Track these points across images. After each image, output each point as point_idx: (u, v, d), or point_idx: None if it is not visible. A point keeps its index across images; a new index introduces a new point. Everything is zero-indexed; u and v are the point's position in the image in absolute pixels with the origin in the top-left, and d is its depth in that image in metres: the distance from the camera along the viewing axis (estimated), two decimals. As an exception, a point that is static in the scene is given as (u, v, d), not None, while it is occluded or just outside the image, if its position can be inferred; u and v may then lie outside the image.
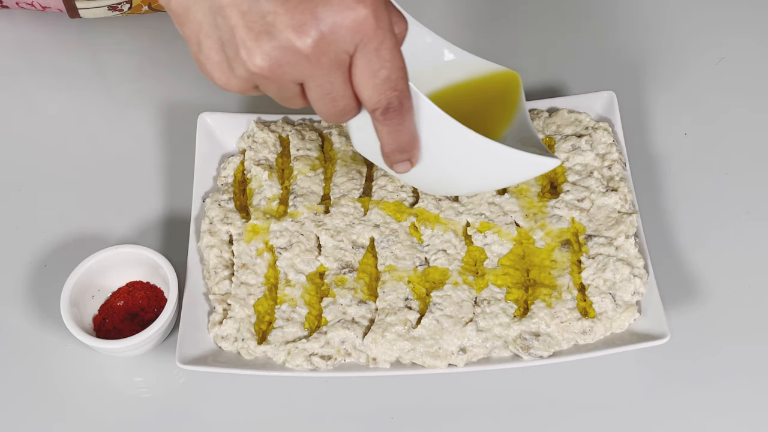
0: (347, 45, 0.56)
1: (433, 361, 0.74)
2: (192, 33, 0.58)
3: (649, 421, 0.75)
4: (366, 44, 0.56)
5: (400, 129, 0.62)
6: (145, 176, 0.87)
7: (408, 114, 0.61)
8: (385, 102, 0.59)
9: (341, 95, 0.59)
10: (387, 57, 0.57)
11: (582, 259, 0.77)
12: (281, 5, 0.55)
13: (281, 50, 0.56)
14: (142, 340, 0.74)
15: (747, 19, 0.95)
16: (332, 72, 0.57)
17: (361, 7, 0.55)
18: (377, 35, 0.56)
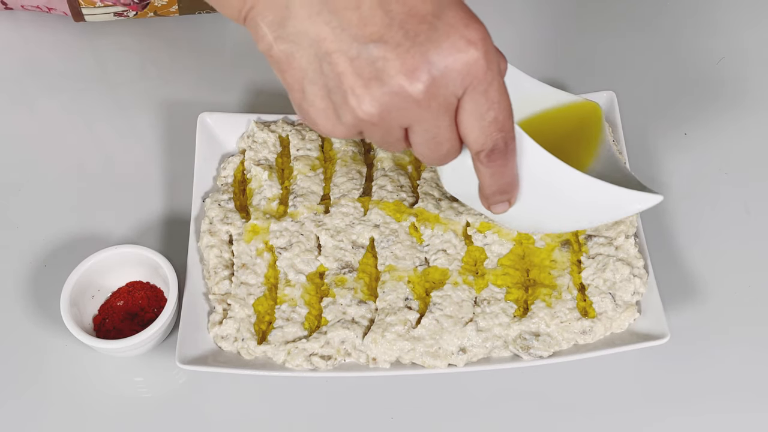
0: (457, 88, 0.55)
1: (433, 361, 0.74)
2: (295, 80, 0.57)
3: (649, 421, 0.75)
4: (476, 87, 0.55)
5: (503, 171, 0.61)
6: (145, 176, 0.87)
7: (512, 155, 0.60)
8: (491, 144, 0.58)
9: (446, 138, 0.58)
10: (495, 98, 0.56)
11: (582, 259, 0.77)
12: (392, 50, 0.54)
13: (392, 96, 0.55)
14: (142, 340, 0.74)
15: (747, 19, 0.95)
16: (440, 116, 0.56)
17: (473, 49, 0.54)
18: (487, 77, 0.55)
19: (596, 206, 0.67)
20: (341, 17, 0.54)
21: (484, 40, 0.55)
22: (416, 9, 0.54)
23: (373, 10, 0.54)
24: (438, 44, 0.54)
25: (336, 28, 0.55)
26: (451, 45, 0.54)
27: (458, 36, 0.54)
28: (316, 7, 0.55)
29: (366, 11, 0.54)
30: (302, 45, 0.56)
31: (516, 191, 0.64)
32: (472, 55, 0.54)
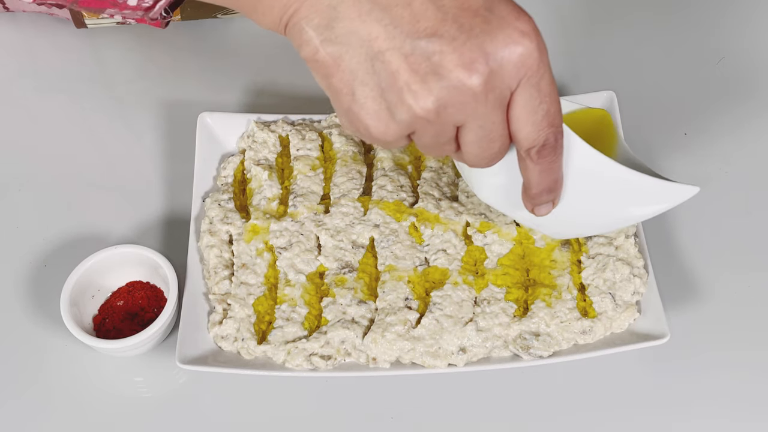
0: (512, 81, 0.55)
1: (433, 361, 0.74)
2: (344, 83, 0.56)
3: (649, 421, 0.75)
4: (529, 79, 0.55)
5: (551, 168, 0.60)
6: (145, 176, 0.87)
7: (561, 151, 0.59)
8: (542, 139, 0.57)
9: (499, 135, 0.57)
10: (547, 91, 0.56)
11: (582, 259, 0.77)
12: (448, 44, 0.53)
13: (450, 90, 0.54)
14: (142, 340, 0.74)
15: (747, 19, 0.95)
16: (495, 110, 0.55)
17: (528, 40, 0.54)
18: (539, 69, 0.55)
19: (640, 200, 0.67)
20: (393, 14, 0.54)
21: (536, 31, 0.54)
22: (468, 3, 0.54)
23: (425, 5, 0.54)
24: (493, 36, 0.53)
25: (388, 25, 0.54)
26: (506, 36, 0.53)
27: (512, 28, 0.54)
28: (366, 5, 0.54)
29: (417, 7, 0.54)
30: (352, 46, 0.55)
31: (560, 190, 0.63)
32: (527, 46, 0.54)
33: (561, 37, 0.95)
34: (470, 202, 0.80)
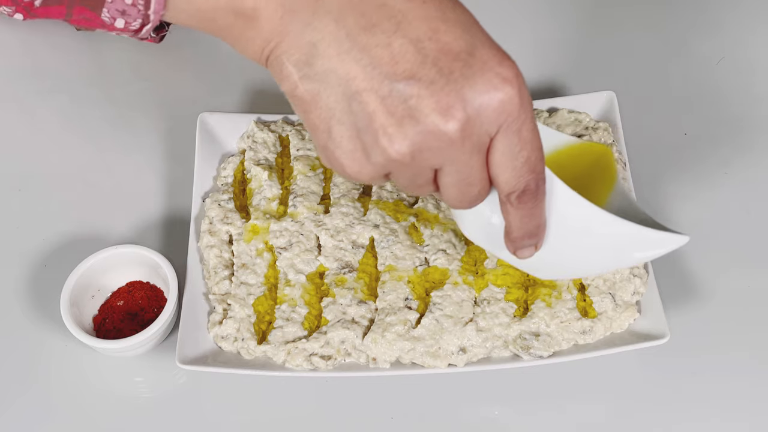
0: (491, 126, 0.54)
1: (433, 361, 0.74)
2: (321, 120, 0.55)
3: (649, 421, 0.75)
4: (510, 125, 0.54)
5: (532, 213, 0.59)
6: (145, 176, 0.87)
7: (542, 197, 0.58)
8: (522, 185, 0.56)
9: (478, 179, 0.56)
10: (528, 138, 0.55)
11: (582, 259, 0.77)
12: (425, 88, 0.52)
13: (425, 135, 0.53)
14: (142, 340, 0.74)
15: (747, 19, 0.95)
16: (473, 155, 0.55)
17: (509, 86, 0.53)
18: (520, 116, 0.54)
19: (625, 248, 0.65)
20: (372, 55, 0.53)
21: (518, 77, 0.54)
22: (449, 46, 0.53)
23: (405, 47, 0.53)
24: (473, 81, 0.53)
25: (367, 66, 0.53)
26: (486, 82, 0.53)
27: (493, 73, 0.53)
28: (346, 44, 0.53)
29: (397, 48, 0.53)
30: (330, 84, 0.54)
31: (543, 234, 0.62)
32: (507, 92, 0.53)
33: (561, 37, 0.95)
34: (470, 202, 0.80)
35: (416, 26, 0.53)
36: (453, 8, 0.54)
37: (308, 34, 0.54)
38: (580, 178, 0.70)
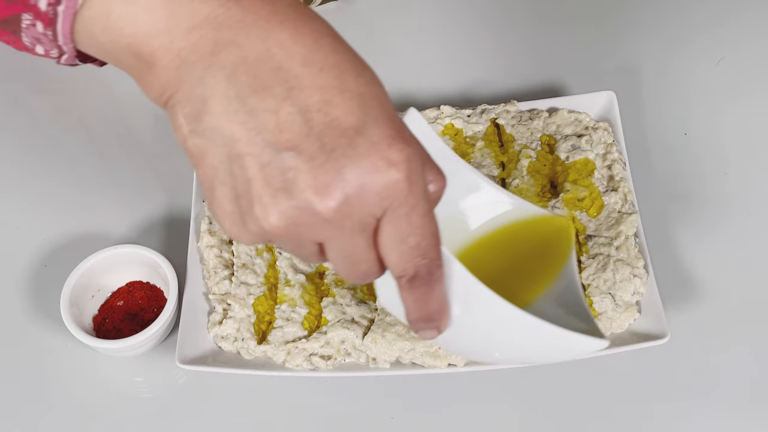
0: (374, 209, 0.50)
1: (433, 361, 0.74)
2: (206, 178, 0.53)
3: (649, 421, 0.75)
4: (396, 209, 0.51)
5: (426, 298, 0.55)
6: (145, 176, 0.87)
7: (437, 283, 0.55)
8: (412, 270, 0.53)
9: (364, 258, 0.53)
10: (418, 223, 0.51)
11: (582, 259, 0.77)
12: (305, 162, 0.49)
13: (299, 210, 0.50)
14: (142, 340, 0.74)
15: (747, 19, 0.95)
16: (355, 235, 0.52)
17: (394, 171, 0.49)
18: (408, 201, 0.50)
19: (531, 344, 0.61)
20: (258, 119, 0.50)
21: (409, 161, 0.50)
22: (338, 121, 0.49)
23: (292, 116, 0.50)
24: (356, 162, 0.49)
25: (251, 130, 0.50)
26: (370, 165, 0.49)
27: (379, 156, 0.49)
28: (234, 104, 0.50)
29: (284, 116, 0.50)
30: (216, 142, 0.51)
31: (445, 319, 0.58)
32: (392, 176, 0.49)
33: (561, 37, 0.95)
34: (470, 202, 0.80)
35: (308, 94, 0.50)
36: (356, 78, 0.51)
37: (200, 89, 0.51)
38: (536, 250, 0.69)
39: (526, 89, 0.91)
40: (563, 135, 0.83)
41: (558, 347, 0.61)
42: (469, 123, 0.85)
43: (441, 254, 0.54)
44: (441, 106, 0.86)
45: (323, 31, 0.51)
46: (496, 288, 0.58)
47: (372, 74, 0.52)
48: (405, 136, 0.51)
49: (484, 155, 0.83)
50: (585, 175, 0.81)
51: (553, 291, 0.66)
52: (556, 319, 0.59)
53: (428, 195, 0.52)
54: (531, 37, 0.95)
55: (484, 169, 0.82)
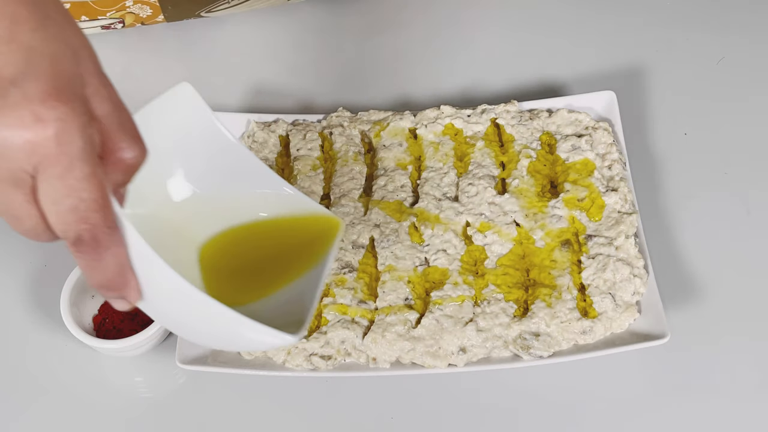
0: (24, 164, 0.48)
1: (433, 361, 0.74)
2: None
3: (649, 421, 0.75)
4: (46, 168, 0.48)
5: (97, 265, 0.53)
6: (145, 176, 0.87)
7: (107, 250, 0.52)
8: (72, 234, 0.51)
9: (25, 215, 0.51)
10: (75, 186, 0.49)
11: (582, 259, 0.77)
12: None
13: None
14: (142, 340, 0.74)
15: (747, 19, 0.95)
16: (8, 189, 0.50)
17: (40, 127, 0.47)
18: (60, 161, 0.48)
19: (205, 322, 0.58)
20: None
21: (61, 120, 0.48)
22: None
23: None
24: (3, 113, 0.47)
25: None
26: (17, 118, 0.47)
27: (28, 111, 0.47)
28: None
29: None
30: None
31: (131, 290, 0.55)
32: (37, 133, 0.47)
33: (562, 37, 0.95)
34: (471, 202, 0.80)
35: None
36: (32, 31, 0.49)
37: None
38: (302, 245, 0.68)
39: (526, 89, 0.91)
40: (563, 135, 0.83)
41: (233, 331, 0.58)
42: (469, 123, 0.85)
43: (111, 220, 0.51)
44: (441, 106, 0.86)
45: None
46: (245, 273, 0.57)
47: (58, 30, 0.50)
48: (66, 94, 0.48)
49: (484, 155, 0.83)
50: (585, 175, 0.81)
51: (300, 281, 0.65)
52: (270, 314, 0.58)
53: (92, 158, 0.50)
54: (531, 37, 0.95)
55: (484, 169, 0.82)
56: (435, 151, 0.83)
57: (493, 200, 0.80)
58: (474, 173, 0.82)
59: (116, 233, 0.52)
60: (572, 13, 0.97)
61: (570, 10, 0.97)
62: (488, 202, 0.80)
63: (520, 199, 0.80)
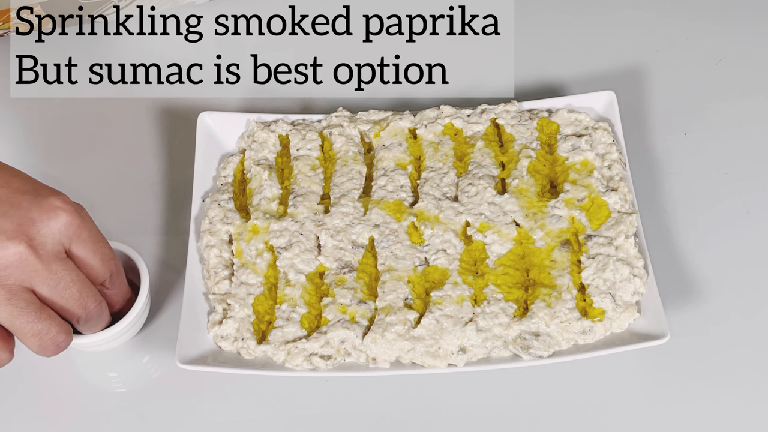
0: (62, 239, 0.66)
1: (433, 361, 0.74)
2: None
3: (649, 421, 0.75)
4: (79, 236, 0.67)
5: (123, 287, 0.74)
6: (145, 176, 0.87)
7: (123, 274, 0.74)
8: (108, 272, 0.70)
9: (72, 280, 0.67)
10: (96, 240, 0.68)
11: (582, 259, 0.77)
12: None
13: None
14: (113, 335, 0.73)
15: (747, 19, 0.95)
16: (52, 263, 0.65)
17: (66, 211, 0.66)
18: (84, 228, 0.67)
19: None
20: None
21: (71, 203, 0.67)
22: (19, 188, 0.66)
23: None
24: (39, 207, 0.65)
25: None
26: (49, 209, 0.65)
27: (54, 204, 0.66)
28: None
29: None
30: None
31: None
32: (68, 213, 0.66)
33: (561, 37, 0.95)
34: (470, 202, 0.80)
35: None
36: (18, 173, 0.68)
37: None
38: None
39: (526, 89, 0.91)
40: (563, 135, 0.83)
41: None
42: (469, 123, 0.85)
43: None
44: (441, 106, 0.86)
45: None
46: None
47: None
48: (63, 193, 0.68)
49: (484, 155, 0.83)
50: (585, 175, 0.81)
51: None
52: None
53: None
54: (531, 37, 0.95)
55: (483, 169, 0.82)
56: (435, 151, 0.83)
57: (492, 200, 0.80)
58: (474, 173, 0.82)
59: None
60: (572, 13, 0.97)
61: (570, 10, 0.97)
62: (488, 202, 0.80)
63: (519, 199, 0.80)
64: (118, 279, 0.72)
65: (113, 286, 0.71)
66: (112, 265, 0.70)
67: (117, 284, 0.72)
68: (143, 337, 0.79)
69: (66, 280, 0.66)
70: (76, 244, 0.67)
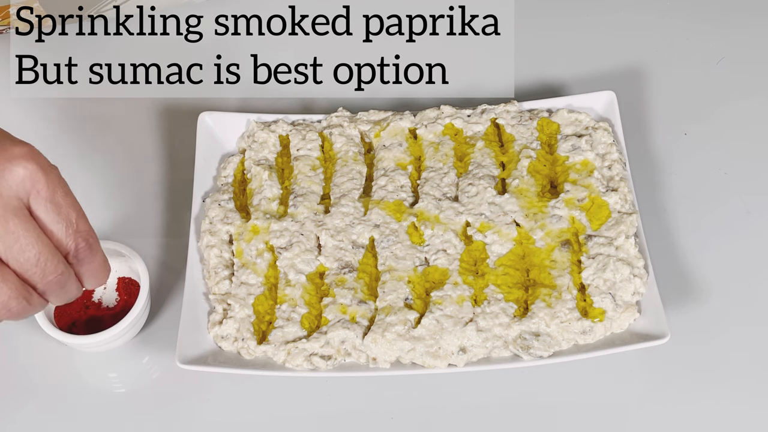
0: (20, 193, 0.58)
1: (433, 361, 0.74)
2: None
3: (649, 421, 0.75)
4: (39, 192, 0.60)
5: (97, 267, 0.63)
6: (145, 176, 0.87)
7: (99, 251, 0.62)
8: (73, 245, 0.60)
9: (33, 240, 0.59)
10: (63, 203, 0.60)
11: (582, 259, 0.77)
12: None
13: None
14: (114, 335, 0.74)
15: (747, 19, 0.95)
16: (9, 220, 0.58)
17: (27, 162, 0.59)
18: (49, 185, 0.60)
19: None
20: None
21: (34, 154, 0.61)
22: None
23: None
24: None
25: None
26: (6, 160, 0.58)
27: (11, 154, 0.59)
28: None
29: None
30: None
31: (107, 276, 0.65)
32: (27, 167, 0.59)
33: (561, 37, 0.95)
34: (470, 202, 0.80)
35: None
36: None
37: None
38: None
39: (526, 89, 0.91)
40: (563, 135, 0.83)
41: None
42: (469, 123, 0.85)
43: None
44: (441, 106, 0.86)
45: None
46: None
47: None
48: (26, 143, 0.61)
49: (484, 155, 0.83)
50: (585, 175, 0.81)
51: None
52: None
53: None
54: (531, 37, 0.95)
55: (484, 169, 0.82)
56: (435, 151, 0.83)
57: (493, 200, 0.80)
58: (474, 173, 0.82)
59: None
60: (572, 13, 0.97)
61: (570, 10, 0.97)
62: (488, 202, 0.80)
63: (520, 199, 0.80)
64: (90, 256, 0.61)
65: (81, 264, 0.61)
66: (80, 238, 0.60)
67: (86, 262, 0.61)
68: (143, 337, 0.79)
69: (22, 242, 0.58)
70: (35, 202, 0.59)
